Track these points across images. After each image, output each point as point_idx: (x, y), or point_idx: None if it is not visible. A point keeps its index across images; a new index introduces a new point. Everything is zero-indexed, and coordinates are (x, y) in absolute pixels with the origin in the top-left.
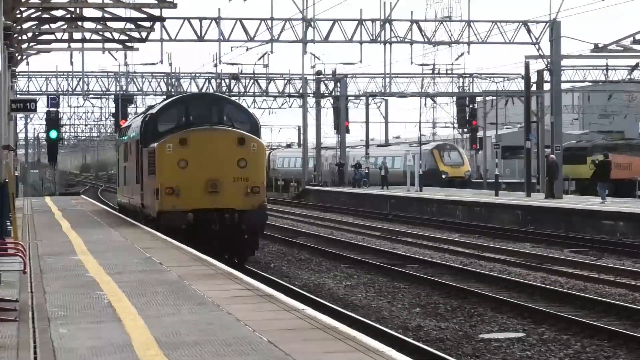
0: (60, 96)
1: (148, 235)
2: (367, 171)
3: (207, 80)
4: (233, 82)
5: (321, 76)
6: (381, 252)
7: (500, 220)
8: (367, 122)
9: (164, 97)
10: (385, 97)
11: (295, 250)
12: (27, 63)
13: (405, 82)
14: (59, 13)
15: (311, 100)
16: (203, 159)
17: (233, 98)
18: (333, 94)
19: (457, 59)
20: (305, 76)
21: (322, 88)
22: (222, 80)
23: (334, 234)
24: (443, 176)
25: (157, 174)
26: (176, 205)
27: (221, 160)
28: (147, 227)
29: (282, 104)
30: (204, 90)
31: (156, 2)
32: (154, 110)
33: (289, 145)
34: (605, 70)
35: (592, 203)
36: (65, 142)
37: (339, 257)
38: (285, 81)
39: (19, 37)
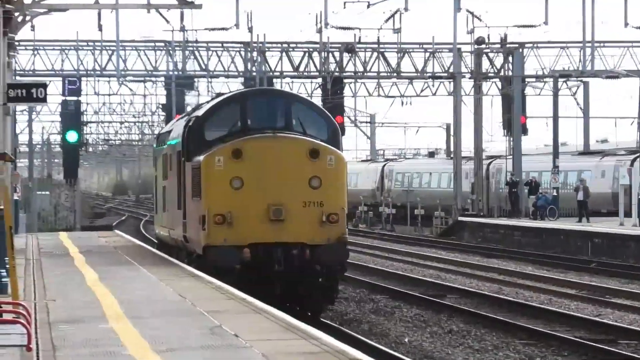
0: (83, 79)
1: (215, 291)
2: (555, 194)
3: (307, 54)
4: (346, 56)
5: (483, 46)
6: (578, 320)
7: None
8: (555, 117)
9: (242, 80)
10: (585, 78)
11: (443, 316)
12: (33, 27)
13: (617, 55)
14: None
15: (467, 85)
16: (263, 177)
17: (347, 80)
18: (502, 73)
19: None
20: (458, 46)
21: (485, 65)
22: (330, 54)
23: (504, 292)
24: None
25: (203, 197)
26: (228, 238)
27: (287, 179)
28: (214, 279)
29: (422, 90)
30: (301, 70)
31: None
32: (200, 112)
33: (431, 154)
34: None
35: None
36: (91, 149)
37: (512, 328)
38: (427, 55)
39: None
